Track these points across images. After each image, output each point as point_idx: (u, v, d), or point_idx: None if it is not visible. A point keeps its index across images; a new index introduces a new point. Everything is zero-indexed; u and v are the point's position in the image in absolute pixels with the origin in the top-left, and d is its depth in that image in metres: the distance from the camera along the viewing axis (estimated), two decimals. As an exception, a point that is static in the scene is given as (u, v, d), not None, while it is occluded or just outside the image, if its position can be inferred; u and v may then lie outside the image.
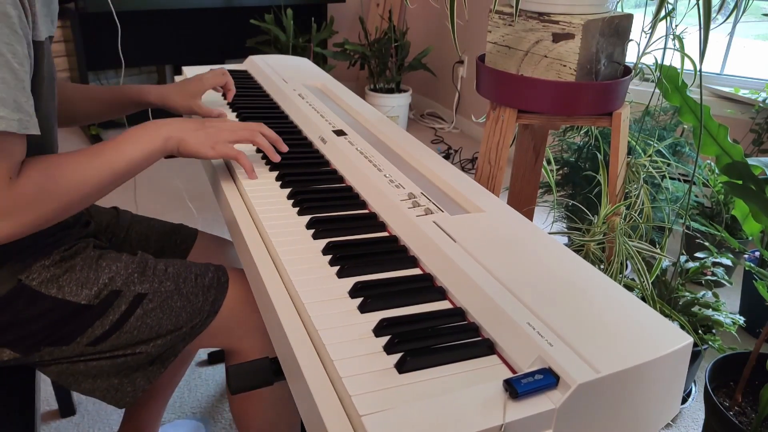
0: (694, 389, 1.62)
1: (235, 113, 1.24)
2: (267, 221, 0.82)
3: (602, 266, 1.34)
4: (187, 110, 1.17)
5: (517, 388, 0.52)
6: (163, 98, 1.16)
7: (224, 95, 1.26)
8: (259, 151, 1.06)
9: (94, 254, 0.91)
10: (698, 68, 1.08)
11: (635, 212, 1.40)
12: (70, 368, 0.90)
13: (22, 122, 0.71)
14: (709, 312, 1.42)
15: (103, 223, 1.10)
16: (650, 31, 1.18)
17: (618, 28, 1.20)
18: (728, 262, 1.53)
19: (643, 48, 1.29)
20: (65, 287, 0.86)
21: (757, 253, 1.88)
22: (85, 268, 0.88)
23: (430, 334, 0.61)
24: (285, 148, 1.01)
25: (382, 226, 0.84)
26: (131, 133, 0.86)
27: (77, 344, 0.87)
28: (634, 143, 1.67)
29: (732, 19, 2.22)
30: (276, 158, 0.98)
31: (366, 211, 0.89)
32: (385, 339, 0.61)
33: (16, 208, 0.73)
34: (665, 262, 1.51)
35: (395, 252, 0.77)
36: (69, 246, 0.90)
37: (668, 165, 1.71)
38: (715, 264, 1.51)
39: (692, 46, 1.25)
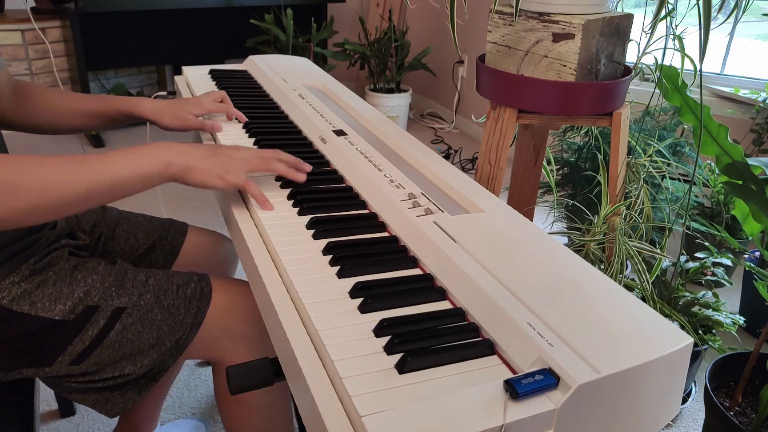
0: (694, 389, 1.62)
1: (235, 113, 1.24)
2: (267, 221, 0.82)
3: (602, 266, 1.34)
4: (178, 130, 1.11)
5: (517, 388, 0.52)
6: (157, 114, 1.08)
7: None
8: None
9: (69, 265, 0.87)
10: (698, 68, 1.08)
11: (635, 212, 1.40)
12: (61, 383, 0.89)
13: None
14: (709, 312, 1.42)
15: (88, 222, 1.08)
16: (650, 31, 1.18)
17: (618, 28, 1.20)
18: (728, 262, 1.53)
19: (643, 48, 1.29)
20: (38, 303, 0.82)
21: (757, 253, 1.88)
22: (58, 282, 0.84)
23: (430, 334, 0.61)
24: (308, 167, 0.93)
25: (382, 227, 0.84)
26: (130, 149, 0.79)
27: (60, 364, 0.85)
28: (634, 143, 1.67)
29: (732, 19, 2.22)
30: (300, 178, 0.91)
31: (366, 211, 0.89)
32: (385, 339, 0.61)
33: None
34: (665, 262, 1.51)
35: (395, 252, 0.77)
36: (40, 257, 0.86)
37: (668, 165, 1.71)
38: (715, 264, 1.51)
39: (692, 46, 1.25)
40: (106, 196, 0.76)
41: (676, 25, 1.27)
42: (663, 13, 1.10)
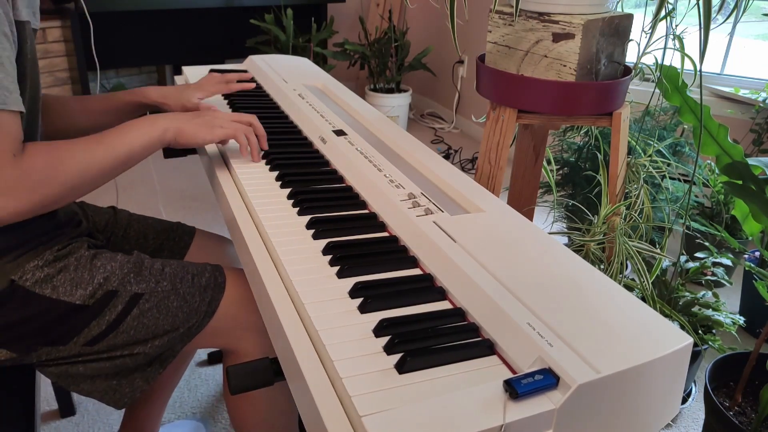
0: (694, 389, 1.62)
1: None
2: (267, 221, 0.82)
3: (602, 266, 1.34)
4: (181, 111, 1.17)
5: (517, 388, 0.52)
6: (163, 99, 1.16)
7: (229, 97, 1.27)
8: None
9: (89, 254, 0.90)
10: (698, 68, 1.08)
11: (635, 212, 1.40)
12: (69, 370, 0.90)
13: (1, 97, 0.71)
14: (709, 312, 1.42)
15: (101, 222, 1.10)
16: (650, 31, 1.18)
17: (618, 28, 1.20)
18: (728, 262, 1.53)
19: (643, 48, 1.29)
20: (59, 287, 0.85)
21: (757, 253, 1.88)
22: (79, 268, 0.87)
23: (430, 334, 0.61)
24: (265, 147, 1.04)
25: (382, 227, 0.84)
26: (131, 123, 0.88)
27: (74, 344, 0.87)
28: (634, 143, 1.67)
29: (732, 19, 2.22)
30: (257, 159, 1.01)
31: (366, 211, 0.89)
32: (385, 339, 0.61)
33: (21, 187, 0.73)
34: (665, 262, 1.51)
35: (395, 252, 0.77)
36: (62, 246, 0.89)
37: (668, 165, 1.71)
38: (715, 264, 1.51)
39: (692, 46, 1.25)
40: (121, 167, 0.86)
41: (676, 25, 1.27)
42: (663, 13, 1.10)
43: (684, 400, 1.59)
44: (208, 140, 0.93)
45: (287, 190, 0.92)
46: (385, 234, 0.83)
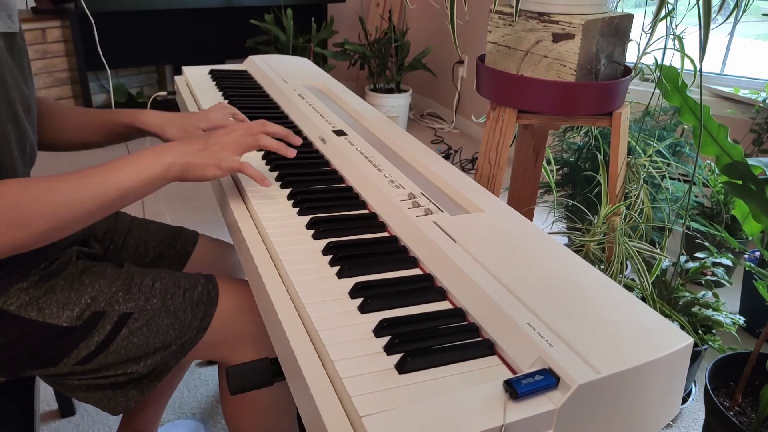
0: (694, 389, 1.62)
1: (235, 113, 1.24)
2: (267, 221, 0.82)
3: (602, 266, 1.34)
4: None
5: (517, 388, 0.52)
6: (162, 126, 1.06)
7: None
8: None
9: (76, 270, 0.87)
10: (698, 68, 1.08)
11: (635, 212, 1.40)
12: (63, 381, 0.89)
13: None
14: (709, 312, 1.42)
15: (100, 230, 1.08)
16: (650, 31, 1.17)
17: (618, 28, 1.20)
18: (728, 262, 1.53)
19: (643, 48, 1.29)
20: (45, 309, 0.83)
21: (757, 253, 1.88)
22: (66, 288, 0.84)
23: (430, 334, 0.61)
24: (298, 141, 0.95)
25: (382, 227, 0.84)
26: (129, 158, 0.80)
27: (64, 365, 0.85)
28: (634, 143, 1.67)
29: (732, 19, 2.22)
30: (289, 154, 0.91)
31: (366, 211, 0.89)
32: (385, 339, 0.61)
33: None
34: (665, 262, 1.51)
35: (395, 252, 0.77)
36: (49, 262, 0.86)
37: (668, 165, 1.71)
38: (715, 264, 1.51)
39: (692, 46, 1.25)
40: (116, 206, 0.78)
41: (676, 25, 1.27)
42: (663, 13, 1.10)
43: (684, 400, 1.59)
44: (218, 176, 0.85)
45: (287, 190, 0.92)
46: (385, 234, 0.83)
